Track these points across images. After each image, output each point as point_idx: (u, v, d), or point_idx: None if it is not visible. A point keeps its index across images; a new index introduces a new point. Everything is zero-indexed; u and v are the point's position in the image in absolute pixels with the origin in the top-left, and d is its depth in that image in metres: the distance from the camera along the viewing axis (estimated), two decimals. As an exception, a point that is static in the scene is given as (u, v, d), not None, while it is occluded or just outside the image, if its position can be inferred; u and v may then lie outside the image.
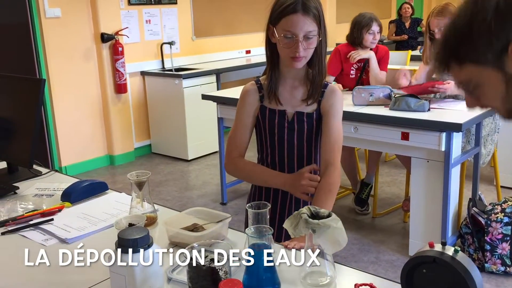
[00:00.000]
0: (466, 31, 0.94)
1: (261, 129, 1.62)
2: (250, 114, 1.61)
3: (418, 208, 2.91)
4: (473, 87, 0.98)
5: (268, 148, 1.63)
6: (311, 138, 1.61)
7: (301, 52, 1.47)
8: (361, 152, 4.70)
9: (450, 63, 0.99)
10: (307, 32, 1.47)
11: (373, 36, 3.43)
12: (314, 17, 1.47)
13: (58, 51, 4.55)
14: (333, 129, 1.57)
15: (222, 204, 3.97)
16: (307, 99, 1.57)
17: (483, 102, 1.00)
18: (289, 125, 1.59)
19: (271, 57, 1.58)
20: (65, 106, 4.67)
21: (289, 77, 1.58)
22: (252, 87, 1.62)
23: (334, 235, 1.13)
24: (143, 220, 1.31)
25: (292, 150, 1.60)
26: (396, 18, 7.59)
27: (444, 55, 1.00)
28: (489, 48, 0.92)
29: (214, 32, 5.89)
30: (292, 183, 1.53)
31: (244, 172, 1.65)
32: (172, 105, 5.03)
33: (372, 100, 3.04)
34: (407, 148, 2.84)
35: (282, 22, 1.47)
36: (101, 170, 4.95)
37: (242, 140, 1.62)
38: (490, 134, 3.22)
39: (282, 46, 1.49)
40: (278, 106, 1.58)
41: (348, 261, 2.97)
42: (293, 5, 1.45)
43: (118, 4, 4.90)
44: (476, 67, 0.95)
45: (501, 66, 0.93)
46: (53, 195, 1.78)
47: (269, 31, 1.53)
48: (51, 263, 1.16)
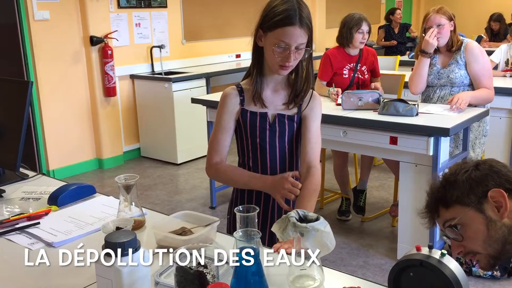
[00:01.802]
0: (452, 179, 1.18)
1: (242, 132, 1.63)
2: (231, 117, 1.61)
3: (406, 212, 2.92)
4: (459, 226, 1.16)
5: (249, 152, 1.63)
6: (292, 140, 1.63)
7: (291, 62, 1.50)
8: (350, 157, 4.72)
9: (439, 208, 1.21)
10: (300, 44, 1.49)
11: (362, 36, 3.46)
12: (308, 28, 1.49)
13: (47, 54, 4.51)
14: (313, 131, 1.61)
15: (211, 208, 3.96)
16: (288, 103, 1.60)
17: (467, 245, 1.18)
18: (270, 127, 1.60)
19: (256, 61, 1.59)
20: (53, 109, 4.64)
21: (271, 81, 1.61)
22: (232, 91, 1.63)
23: (322, 239, 1.13)
24: (131, 223, 1.31)
25: (274, 152, 1.61)
26: (385, 23, 7.66)
27: (433, 203, 1.23)
28: (472, 191, 1.14)
29: (204, 36, 5.88)
30: (273, 185, 1.53)
31: (225, 175, 1.65)
32: (162, 109, 5.02)
33: (361, 105, 3.06)
34: (396, 152, 2.86)
35: (277, 31, 1.47)
36: (89, 173, 4.92)
37: (223, 144, 1.62)
38: (478, 137, 3.25)
39: (274, 54, 1.50)
40: (261, 108, 1.60)
41: (337, 265, 2.98)
42: (291, 17, 1.45)
43: (107, 7, 4.88)
44: (461, 207, 1.16)
45: (482, 210, 1.14)
46: (40, 198, 1.76)
47: (258, 35, 1.54)
48: (37, 267, 1.15)
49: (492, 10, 7.69)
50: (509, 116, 3.80)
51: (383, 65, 4.40)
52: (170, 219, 1.48)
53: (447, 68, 3.18)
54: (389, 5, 9.42)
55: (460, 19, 7.85)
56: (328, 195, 3.96)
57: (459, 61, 3.14)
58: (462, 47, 3.14)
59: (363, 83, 3.56)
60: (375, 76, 3.68)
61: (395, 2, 9.64)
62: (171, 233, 1.37)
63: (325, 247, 1.13)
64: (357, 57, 3.55)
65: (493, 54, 4.43)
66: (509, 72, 4.27)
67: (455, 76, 3.14)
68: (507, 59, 4.37)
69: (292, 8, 1.46)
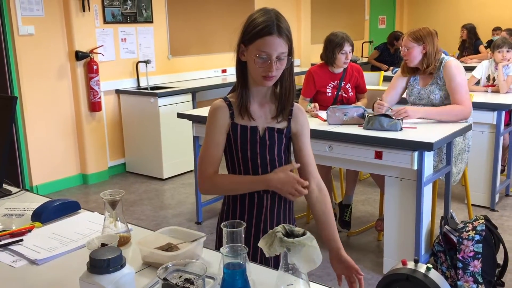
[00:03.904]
0: None
1: (232, 146, 1.63)
2: (222, 131, 1.62)
3: (392, 226, 2.94)
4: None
5: (240, 165, 1.63)
6: (281, 152, 1.65)
7: (274, 72, 1.52)
8: (336, 171, 4.74)
9: None
10: (280, 53, 1.52)
11: (345, 56, 3.50)
12: (287, 38, 1.53)
13: (31, 69, 4.49)
14: (309, 147, 1.68)
15: (197, 223, 3.94)
16: (276, 116, 1.62)
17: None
18: (261, 140, 1.61)
19: (241, 76, 1.61)
20: (38, 124, 4.60)
21: (257, 95, 1.62)
22: (222, 104, 1.63)
23: (309, 254, 1.13)
24: (116, 240, 1.29)
25: (265, 164, 1.62)
26: (382, 44, 7.45)
27: None
28: None
29: (190, 51, 5.91)
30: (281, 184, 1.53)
31: (224, 186, 1.64)
32: (147, 124, 5.00)
33: (346, 119, 3.08)
34: (381, 167, 2.88)
35: (257, 42, 1.51)
36: (73, 189, 4.86)
37: (216, 157, 1.62)
38: (461, 153, 3.29)
39: (255, 65, 1.53)
40: (250, 122, 1.61)
41: (324, 280, 2.97)
42: (269, 27, 1.50)
43: (93, 22, 4.88)
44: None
45: None
46: (23, 215, 1.74)
47: (240, 50, 1.57)
48: (21, 283, 1.13)
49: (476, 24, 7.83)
50: (491, 130, 3.86)
51: (368, 80, 4.45)
52: (156, 235, 1.47)
53: (427, 88, 3.24)
54: (373, 21, 9.59)
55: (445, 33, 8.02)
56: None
57: (438, 81, 3.20)
58: (441, 66, 3.19)
59: (347, 101, 3.59)
60: (361, 92, 3.72)
61: (379, 19, 9.81)
62: (157, 249, 1.36)
63: (312, 262, 1.13)
64: (341, 75, 3.59)
65: (475, 70, 4.52)
66: (490, 87, 4.35)
67: (435, 97, 3.20)
68: (489, 74, 4.45)
69: (270, 19, 1.51)
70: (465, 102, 3.10)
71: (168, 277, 1.03)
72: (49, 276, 1.32)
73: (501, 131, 3.85)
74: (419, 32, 3.20)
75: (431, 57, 3.18)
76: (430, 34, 3.19)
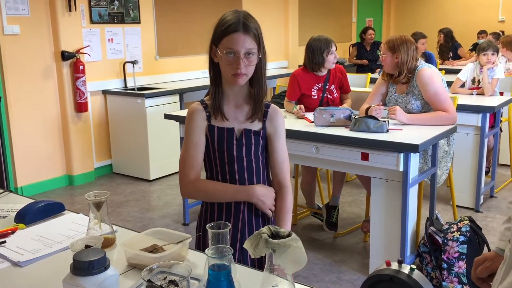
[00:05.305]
0: None
1: (210, 147, 1.64)
2: (201, 133, 1.63)
3: (378, 227, 2.95)
4: None
5: (218, 166, 1.64)
6: (258, 153, 1.65)
7: (242, 69, 1.53)
8: (323, 172, 4.76)
9: None
10: (248, 49, 1.53)
11: (334, 56, 3.52)
12: (254, 36, 1.54)
13: (16, 69, 4.44)
14: (280, 150, 1.67)
15: (184, 224, 3.92)
16: (251, 117, 1.63)
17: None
18: (237, 142, 1.62)
19: (214, 77, 1.62)
20: (22, 124, 4.55)
21: (232, 96, 1.63)
22: (198, 107, 1.64)
23: (294, 255, 1.13)
24: (100, 241, 1.28)
25: (241, 166, 1.63)
26: (357, 41, 7.80)
27: None
28: None
29: (177, 52, 5.89)
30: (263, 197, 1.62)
31: (206, 192, 1.65)
32: (134, 125, 4.98)
33: (333, 121, 3.10)
34: (367, 168, 2.90)
35: (224, 40, 1.53)
36: (59, 190, 4.82)
37: (197, 161, 1.63)
38: (444, 156, 3.33)
39: (224, 63, 1.54)
40: (226, 123, 1.62)
41: (310, 281, 2.98)
42: (234, 24, 1.52)
43: (79, 22, 4.84)
44: None
45: None
46: (7, 216, 1.72)
47: (212, 51, 1.59)
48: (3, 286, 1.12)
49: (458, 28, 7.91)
50: (476, 132, 3.90)
51: (354, 82, 4.48)
52: (141, 237, 1.46)
53: (404, 97, 3.27)
54: (360, 23, 9.65)
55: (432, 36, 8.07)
56: (301, 211, 3.97)
57: (414, 91, 3.22)
58: (415, 75, 3.21)
59: (333, 103, 3.61)
60: (345, 92, 3.73)
61: (366, 21, 9.87)
62: (142, 251, 1.35)
63: (297, 263, 1.13)
64: (325, 77, 3.60)
65: (460, 73, 4.57)
66: (475, 90, 4.40)
67: (412, 107, 3.23)
68: (474, 77, 4.50)
69: (237, 18, 1.53)
70: (449, 108, 3.11)
71: (153, 279, 1.03)
72: (32, 278, 1.31)
73: (485, 133, 3.89)
74: (393, 41, 3.22)
75: (402, 66, 3.20)
76: (404, 43, 3.19)
